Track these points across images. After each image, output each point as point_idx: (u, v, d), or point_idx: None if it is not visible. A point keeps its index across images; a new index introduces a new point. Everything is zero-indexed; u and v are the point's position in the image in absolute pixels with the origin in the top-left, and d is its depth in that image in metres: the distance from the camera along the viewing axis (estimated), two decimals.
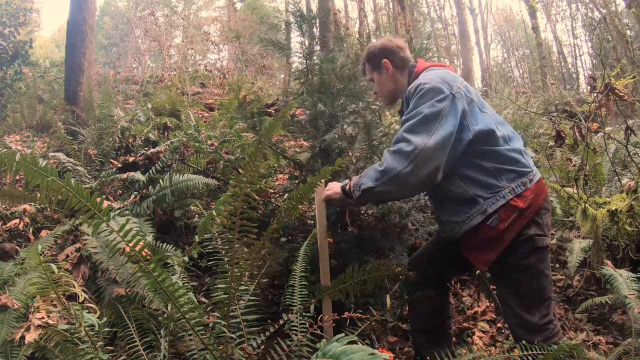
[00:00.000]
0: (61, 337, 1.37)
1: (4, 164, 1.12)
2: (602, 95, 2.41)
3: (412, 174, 1.43)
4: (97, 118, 4.38)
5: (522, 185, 1.55)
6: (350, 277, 1.66)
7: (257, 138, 1.34)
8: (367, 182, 1.53)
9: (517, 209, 1.51)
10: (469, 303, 2.78)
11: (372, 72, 1.86)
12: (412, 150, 1.43)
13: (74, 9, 5.02)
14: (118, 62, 13.34)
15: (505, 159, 1.56)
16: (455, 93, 1.52)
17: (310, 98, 2.28)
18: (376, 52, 1.82)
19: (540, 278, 1.55)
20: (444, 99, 1.49)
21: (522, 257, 1.53)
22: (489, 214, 1.51)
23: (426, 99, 1.50)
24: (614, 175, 3.32)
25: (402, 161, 1.44)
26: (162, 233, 2.84)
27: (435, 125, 1.45)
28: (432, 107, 1.47)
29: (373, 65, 1.84)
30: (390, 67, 1.80)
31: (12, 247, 2.28)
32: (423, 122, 1.46)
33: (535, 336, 1.52)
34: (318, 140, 2.25)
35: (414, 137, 1.44)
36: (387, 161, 1.48)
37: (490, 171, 1.54)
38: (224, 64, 12.23)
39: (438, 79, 1.55)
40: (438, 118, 1.46)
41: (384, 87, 1.85)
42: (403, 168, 1.44)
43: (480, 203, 1.53)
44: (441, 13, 24.11)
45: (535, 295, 1.55)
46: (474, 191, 1.54)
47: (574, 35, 21.22)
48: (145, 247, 1.21)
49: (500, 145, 1.56)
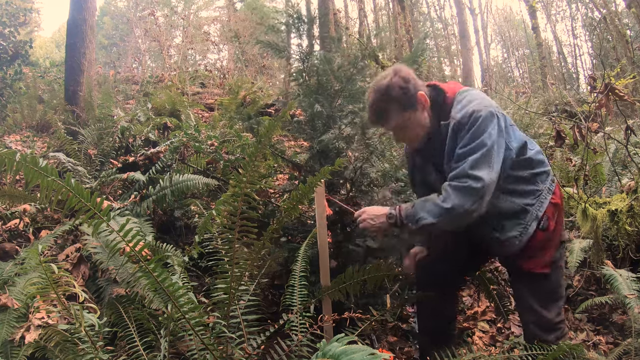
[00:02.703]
0: (61, 337, 1.37)
1: (4, 164, 1.12)
2: (602, 95, 2.41)
3: (478, 210, 1.43)
4: (97, 118, 4.38)
5: (552, 182, 1.60)
6: (350, 277, 1.66)
7: (257, 138, 1.34)
8: (427, 217, 1.47)
9: (557, 206, 1.58)
10: (469, 303, 2.78)
11: (403, 113, 1.54)
12: (481, 188, 1.40)
13: (74, 9, 5.02)
14: (118, 62, 13.34)
15: (536, 163, 1.58)
16: (498, 114, 1.49)
17: (307, 99, 2.28)
18: (406, 86, 1.52)
19: (560, 274, 1.60)
20: (496, 125, 1.45)
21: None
22: (540, 217, 1.54)
23: (484, 128, 1.43)
24: (614, 175, 3.32)
25: (470, 199, 1.41)
26: (162, 233, 2.84)
27: (495, 155, 1.43)
28: (491, 138, 1.43)
29: (405, 105, 1.53)
30: (427, 100, 1.55)
31: (12, 247, 2.28)
32: (486, 154, 1.42)
33: (549, 334, 1.55)
34: (316, 140, 2.25)
35: (480, 173, 1.40)
36: (453, 199, 1.43)
37: (528, 179, 1.56)
38: (224, 64, 12.23)
39: (485, 102, 1.49)
40: (495, 147, 1.43)
41: (420, 127, 1.57)
42: (470, 205, 1.41)
43: (529, 211, 1.54)
44: (441, 13, 24.10)
45: (554, 293, 1.59)
46: (521, 201, 1.55)
47: (574, 35, 21.22)
48: (145, 247, 1.21)
49: (528, 153, 1.57)
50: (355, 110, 2.34)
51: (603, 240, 2.62)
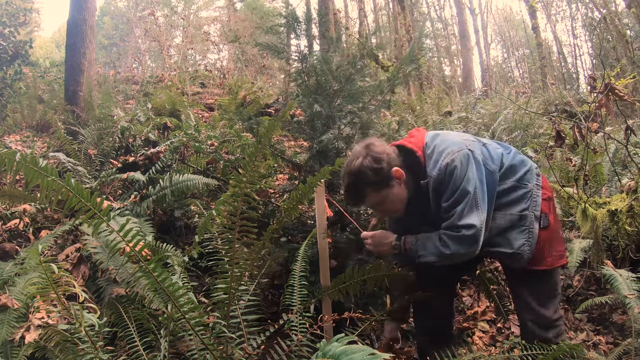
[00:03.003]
0: (61, 337, 1.37)
1: (4, 164, 1.12)
2: (602, 95, 2.41)
3: (475, 251, 1.49)
4: (97, 118, 4.38)
5: (538, 176, 1.62)
6: (350, 277, 1.66)
7: (257, 138, 1.34)
8: (428, 256, 1.54)
9: (549, 199, 1.61)
10: (469, 303, 2.78)
11: (379, 193, 1.53)
12: (475, 233, 1.45)
13: (74, 9, 5.02)
14: (118, 62, 13.34)
15: (517, 166, 1.60)
16: (470, 149, 1.51)
17: (306, 99, 2.28)
18: (378, 167, 1.49)
19: (555, 271, 1.62)
20: (472, 163, 1.47)
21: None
22: (538, 217, 1.56)
23: (461, 175, 1.45)
24: (614, 175, 3.32)
25: (466, 244, 1.47)
26: (162, 233, 2.84)
27: (479, 197, 1.46)
28: (470, 182, 1.45)
29: (380, 186, 1.51)
30: (403, 174, 1.53)
31: (12, 247, 2.28)
32: (471, 201, 1.45)
33: (548, 332, 1.57)
34: (315, 140, 2.25)
35: (471, 220, 1.44)
36: (451, 246, 1.48)
37: (515, 186, 1.58)
38: (224, 64, 12.23)
39: (453, 146, 1.50)
40: (478, 189, 1.46)
41: (399, 200, 1.57)
42: (467, 249, 1.48)
43: (527, 215, 1.56)
44: (441, 13, 24.08)
45: (551, 290, 1.61)
46: (517, 210, 1.56)
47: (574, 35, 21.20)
48: (145, 247, 1.21)
49: (506, 161, 1.59)
50: (355, 110, 2.34)
51: (603, 240, 2.61)
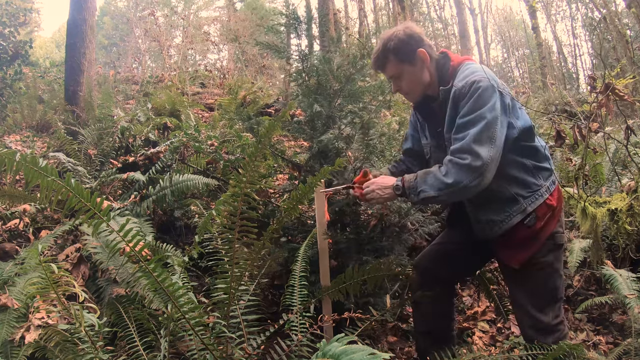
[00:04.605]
0: (61, 337, 1.37)
1: (4, 164, 1.12)
2: (602, 95, 2.41)
3: (478, 186, 1.42)
4: (97, 118, 4.39)
5: (553, 183, 1.57)
6: (350, 277, 1.66)
7: (257, 138, 1.34)
8: (429, 190, 1.47)
9: (551, 207, 1.52)
10: (469, 303, 2.78)
11: (400, 65, 1.59)
12: (481, 166, 1.38)
13: (74, 9, 5.02)
14: (118, 62, 13.33)
15: (541, 156, 1.55)
16: (502, 90, 1.47)
17: (306, 99, 2.28)
18: (407, 40, 1.56)
19: (555, 277, 1.55)
20: (498, 99, 1.43)
21: (542, 255, 1.53)
22: (528, 213, 1.51)
23: (484, 100, 1.41)
24: (614, 175, 3.32)
25: (470, 175, 1.40)
26: (162, 233, 2.84)
27: (496, 131, 1.41)
28: (492, 111, 1.40)
29: (402, 57, 1.57)
30: (428, 58, 1.57)
31: (12, 247, 2.28)
32: (487, 128, 1.40)
33: (548, 337, 1.52)
34: (315, 140, 2.25)
35: (481, 150, 1.39)
36: (454, 175, 1.42)
37: (530, 169, 1.53)
38: (224, 64, 12.22)
39: (488, 75, 1.45)
40: (497, 122, 1.41)
41: (417, 81, 1.60)
42: (470, 182, 1.40)
43: (520, 202, 1.51)
44: (441, 13, 24.11)
45: (549, 295, 1.56)
46: (514, 190, 1.52)
47: (574, 35, 21.23)
48: (145, 247, 1.21)
49: (536, 142, 1.55)
50: (355, 110, 2.33)
51: (603, 240, 2.61)
